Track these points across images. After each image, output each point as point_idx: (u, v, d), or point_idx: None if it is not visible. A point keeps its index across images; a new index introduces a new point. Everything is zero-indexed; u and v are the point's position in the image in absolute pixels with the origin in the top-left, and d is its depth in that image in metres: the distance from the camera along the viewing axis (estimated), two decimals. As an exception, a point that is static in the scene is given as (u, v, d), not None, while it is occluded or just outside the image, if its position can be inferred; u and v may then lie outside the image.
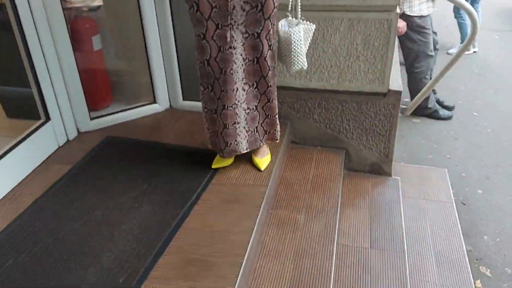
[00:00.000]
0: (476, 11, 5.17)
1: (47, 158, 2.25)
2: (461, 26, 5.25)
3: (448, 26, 5.96)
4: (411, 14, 3.61)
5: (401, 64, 3.62)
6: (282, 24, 1.93)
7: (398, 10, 2.19)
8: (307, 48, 1.98)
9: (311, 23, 1.93)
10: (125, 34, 2.73)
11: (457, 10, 5.22)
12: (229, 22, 1.77)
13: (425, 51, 3.79)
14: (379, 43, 2.27)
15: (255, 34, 1.83)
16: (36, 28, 2.11)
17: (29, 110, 2.28)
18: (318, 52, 2.37)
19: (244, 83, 1.92)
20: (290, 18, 1.94)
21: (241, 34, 1.81)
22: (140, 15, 2.43)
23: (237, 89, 1.91)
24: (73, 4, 2.57)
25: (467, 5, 2.39)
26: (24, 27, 2.07)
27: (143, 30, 2.47)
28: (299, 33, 1.89)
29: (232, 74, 1.86)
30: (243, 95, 1.94)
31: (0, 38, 2.22)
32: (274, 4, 1.78)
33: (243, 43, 1.84)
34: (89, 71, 2.56)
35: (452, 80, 4.60)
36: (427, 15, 3.68)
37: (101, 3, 2.75)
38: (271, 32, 1.85)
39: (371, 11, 2.21)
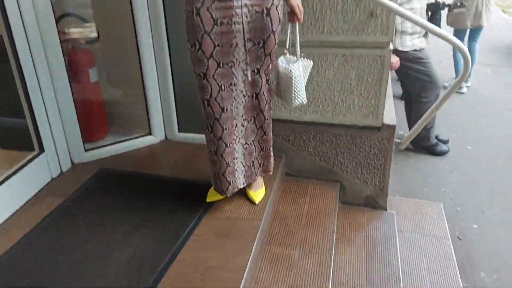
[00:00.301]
0: (473, 50, 5.27)
1: (40, 190, 2.23)
2: (456, 62, 5.34)
3: (441, 61, 6.06)
4: (404, 50, 3.64)
5: (395, 97, 3.65)
6: (281, 61, 1.96)
7: (391, 47, 2.23)
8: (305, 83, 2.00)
9: (309, 60, 1.96)
10: (122, 66, 2.76)
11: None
12: (232, 60, 1.78)
13: (430, 80, 3.74)
14: (373, 78, 2.30)
15: (255, 70, 1.85)
16: (32, 59, 2.13)
17: (23, 141, 2.27)
18: (313, 86, 2.39)
19: (243, 119, 1.94)
20: (288, 55, 1.97)
21: (242, 71, 1.83)
22: (137, 47, 2.46)
23: (236, 124, 1.92)
24: (70, 36, 2.60)
25: (460, 43, 2.43)
26: (21, 58, 2.08)
27: (140, 62, 2.49)
28: (298, 69, 1.91)
29: (232, 110, 1.88)
30: (242, 130, 1.95)
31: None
32: (275, 40, 1.82)
33: (244, 80, 1.86)
34: (85, 103, 2.57)
35: (445, 114, 4.64)
36: (422, 49, 3.70)
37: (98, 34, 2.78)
38: (270, 67, 1.88)
39: (364, 47, 2.24)
